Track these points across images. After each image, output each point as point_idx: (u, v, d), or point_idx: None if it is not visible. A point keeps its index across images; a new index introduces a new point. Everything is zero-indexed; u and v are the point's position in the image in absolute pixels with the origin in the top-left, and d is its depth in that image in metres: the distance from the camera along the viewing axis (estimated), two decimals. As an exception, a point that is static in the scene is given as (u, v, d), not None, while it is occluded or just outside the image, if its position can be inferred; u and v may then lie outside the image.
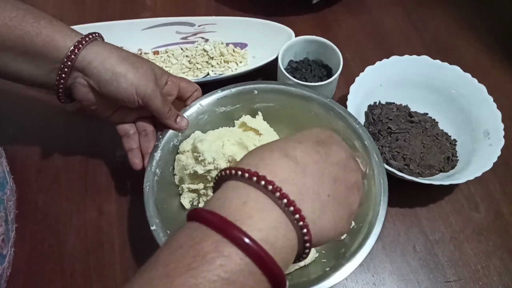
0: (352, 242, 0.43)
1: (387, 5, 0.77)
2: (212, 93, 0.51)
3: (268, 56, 0.62)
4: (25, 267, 0.51)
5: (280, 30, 0.65)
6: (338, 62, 0.59)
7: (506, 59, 0.70)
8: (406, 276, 0.51)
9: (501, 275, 0.51)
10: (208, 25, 0.68)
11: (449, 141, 0.59)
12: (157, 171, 0.47)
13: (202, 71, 0.65)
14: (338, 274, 0.40)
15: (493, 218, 0.56)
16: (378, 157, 0.46)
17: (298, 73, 0.62)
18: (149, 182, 0.46)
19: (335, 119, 0.50)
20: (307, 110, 0.51)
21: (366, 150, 0.47)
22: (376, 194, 0.44)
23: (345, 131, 0.49)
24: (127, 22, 0.66)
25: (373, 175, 0.45)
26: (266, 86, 0.52)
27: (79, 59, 0.42)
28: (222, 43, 0.68)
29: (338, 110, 0.50)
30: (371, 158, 0.46)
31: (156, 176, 0.47)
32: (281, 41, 0.61)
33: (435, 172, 0.56)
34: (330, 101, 0.50)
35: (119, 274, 0.51)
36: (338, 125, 0.49)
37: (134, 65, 0.44)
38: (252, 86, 0.52)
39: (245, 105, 0.53)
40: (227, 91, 0.51)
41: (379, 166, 0.46)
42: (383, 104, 0.61)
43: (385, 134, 0.58)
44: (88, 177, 0.58)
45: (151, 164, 0.47)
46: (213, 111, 0.52)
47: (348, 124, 0.49)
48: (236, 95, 0.52)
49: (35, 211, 0.55)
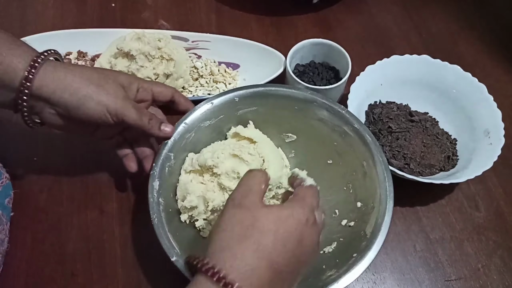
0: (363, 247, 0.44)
1: (387, 5, 0.77)
2: (195, 109, 0.50)
3: (259, 80, 0.61)
4: (26, 267, 0.51)
5: (272, 54, 0.63)
6: (345, 63, 0.59)
7: (506, 59, 0.70)
8: (406, 275, 0.52)
9: (502, 274, 0.52)
10: (202, 42, 0.66)
11: (450, 140, 0.59)
12: (160, 201, 0.45)
13: (190, 89, 0.64)
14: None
15: (494, 217, 0.56)
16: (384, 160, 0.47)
17: (306, 77, 0.62)
18: (155, 214, 0.44)
19: (319, 109, 0.51)
20: (291, 106, 0.52)
21: (357, 132, 0.49)
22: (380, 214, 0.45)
23: (330, 117, 0.50)
24: (121, 31, 0.65)
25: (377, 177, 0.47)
26: (246, 92, 0.52)
27: (43, 89, 0.40)
28: (215, 62, 0.67)
29: (322, 100, 0.51)
30: (375, 162, 0.47)
31: (161, 206, 0.45)
32: (272, 67, 0.61)
33: (435, 171, 0.56)
34: (311, 93, 0.51)
35: (120, 273, 0.51)
36: (323, 114, 0.51)
37: (98, 84, 0.42)
38: (232, 94, 0.51)
39: (228, 114, 0.52)
40: (208, 104, 0.51)
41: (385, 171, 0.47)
42: (384, 103, 0.62)
43: (386, 134, 0.58)
44: (89, 176, 0.58)
45: (152, 195, 0.45)
46: (199, 127, 0.51)
47: (332, 111, 0.50)
48: (218, 106, 0.51)
49: (36, 210, 0.55)
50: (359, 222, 0.47)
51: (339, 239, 0.47)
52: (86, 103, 0.42)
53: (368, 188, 0.47)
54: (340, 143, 0.51)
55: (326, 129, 0.52)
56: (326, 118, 0.51)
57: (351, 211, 0.49)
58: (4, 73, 0.40)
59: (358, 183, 0.49)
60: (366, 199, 0.47)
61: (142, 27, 0.70)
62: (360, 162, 0.49)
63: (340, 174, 0.51)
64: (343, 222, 0.49)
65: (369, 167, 0.48)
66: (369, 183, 0.48)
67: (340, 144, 0.51)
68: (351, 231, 0.47)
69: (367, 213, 0.46)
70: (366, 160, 0.48)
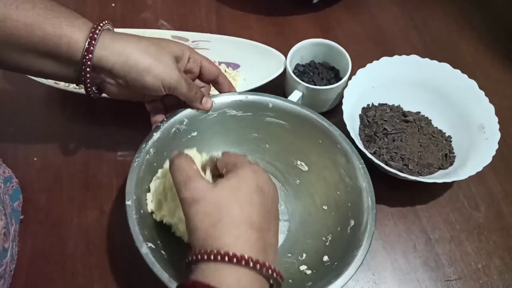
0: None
1: (387, 5, 0.77)
2: (228, 93, 0.52)
3: (259, 81, 0.60)
4: (26, 267, 0.51)
5: (272, 54, 0.63)
6: (345, 63, 0.59)
7: (506, 59, 0.70)
8: (406, 275, 0.52)
9: (502, 274, 0.52)
10: (202, 42, 0.66)
11: (445, 138, 0.59)
12: (150, 151, 0.47)
13: None
14: None
15: (494, 217, 0.56)
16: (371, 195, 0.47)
17: (306, 77, 0.62)
18: (139, 158, 0.46)
19: (340, 153, 0.49)
20: (316, 138, 0.51)
21: None
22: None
23: (345, 166, 0.49)
24: (120, 31, 0.64)
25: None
26: (280, 103, 0.52)
27: (103, 61, 0.42)
28: (215, 62, 0.66)
29: (346, 147, 0.49)
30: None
31: (148, 155, 0.47)
32: (272, 67, 0.61)
33: (434, 170, 0.56)
34: (340, 135, 0.50)
35: (120, 273, 0.51)
36: (341, 160, 0.49)
37: (156, 57, 0.44)
38: (267, 98, 0.52)
39: (256, 114, 0.53)
40: (242, 96, 0.52)
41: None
42: (376, 105, 0.61)
43: (381, 136, 0.58)
44: (89, 176, 0.58)
45: (146, 142, 0.47)
46: (224, 112, 0.52)
47: (350, 161, 0.49)
48: (250, 101, 0.52)
49: (37, 210, 0.55)
50: (317, 273, 0.45)
51: (288, 280, 0.46)
52: (144, 76, 0.44)
53: (343, 248, 0.45)
54: (342, 194, 0.49)
55: (337, 175, 0.50)
56: (342, 164, 0.49)
57: (317, 261, 0.47)
58: (68, 46, 0.41)
59: (337, 239, 0.47)
60: (334, 257, 0.45)
61: (142, 27, 0.70)
62: (348, 220, 0.47)
63: (327, 224, 0.50)
64: (301, 268, 0.47)
65: (355, 228, 0.46)
66: (345, 244, 0.45)
67: (342, 195, 0.49)
68: (304, 276, 0.46)
69: (330, 269, 0.44)
70: (356, 220, 0.46)
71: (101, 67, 0.43)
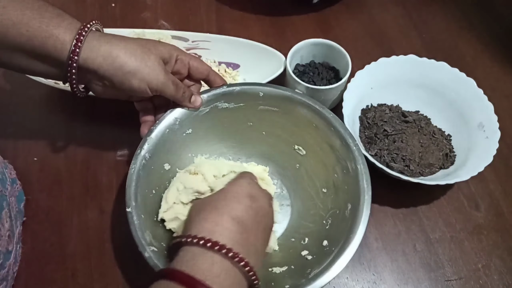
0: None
1: (387, 5, 0.77)
2: (217, 87, 0.52)
3: (259, 80, 0.60)
4: (26, 267, 0.51)
5: (272, 54, 0.63)
6: (345, 63, 0.59)
7: (506, 59, 0.70)
8: (406, 275, 0.52)
9: (502, 274, 0.52)
10: (202, 42, 0.66)
11: (444, 137, 0.59)
12: (146, 155, 0.47)
13: None
14: None
15: (494, 217, 0.56)
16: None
17: (306, 77, 0.62)
18: (135, 165, 0.46)
19: (335, 136, 0.50)
20: (310, 122, 0.51)
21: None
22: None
23: (341, 148, 0.49)
24: (121, 31, 0.64)
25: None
26: (271, 90, 0.52)
27: (89, 62, 0.42)
28: (215, 62, 0.66)
29: (338, 128, 0.49)
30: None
31: (144, 160, 0.47)
32: (272, 67, 0.61)
33: (435, 170, 0.56)
34: (334, 117, 0.50)
35: (120, 273, 0.51)
36: (336, 142, 0.50)
37: (142, 60, 0.44)
38: (258, 87, 0.52)
39: (249, 104, 0.53)
40: (231, 88, 0.52)
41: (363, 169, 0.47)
42: (375, 106, 0.61)
43: (382, 137, 0.58)
44: (89, 176, 0.58)
45: (141, 148, 0.47)
46: (215, 106, 0.52)
47: (344, 142, 0.49)
48: (241, 92, 0.52)
49: (37, 210, 0.55)
50: (317, 259, 0.46)
51: (290, 266, 0.47)
52: (130, 79, 0.44)
53: (341, 231, 0.46)
54: (340, 177, 0.50)
55: (334, 157, 0.50)
56: (337, 147, 0.49)
57: (318, 245, 0.47)
58: (54, 47, 0.41)
59: (336, 223, 0.48)
60: (333, 241, 0.46)
61: (142, 27, 0.70)
62: (346, 203, 0.47)
63: (327, 207, 0.50)
64: (303, 253, 0.48)
65: (352, 212, 0.46)
66: (343, 228, 0.46)
67: (339, 178, 0.50)
68: (305, 261, 0.47)
69: (328, 254, 0.44)
70: (352, 203, 0.46)
71: (87, 68, 0.42)
